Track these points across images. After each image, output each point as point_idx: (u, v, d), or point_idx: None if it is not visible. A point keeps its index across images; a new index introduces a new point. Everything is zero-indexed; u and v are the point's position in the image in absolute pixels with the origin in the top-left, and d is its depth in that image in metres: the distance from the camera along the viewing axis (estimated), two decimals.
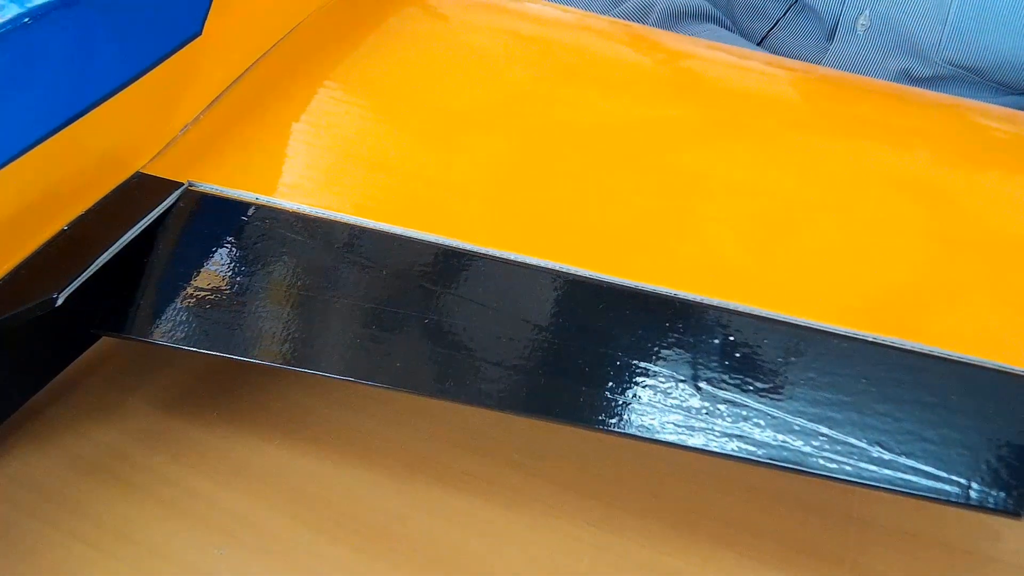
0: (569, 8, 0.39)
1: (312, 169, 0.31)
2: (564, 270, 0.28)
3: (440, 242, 0.29)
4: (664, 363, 0.26)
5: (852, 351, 0.25)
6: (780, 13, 0.61)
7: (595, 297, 0.27)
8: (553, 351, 0.27)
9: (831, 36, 0.60)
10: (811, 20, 0.61)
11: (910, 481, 0.24)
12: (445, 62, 0.35)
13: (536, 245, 0.28)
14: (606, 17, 0.40)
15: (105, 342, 0.32)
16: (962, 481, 0.23)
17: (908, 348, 0.25)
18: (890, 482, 0.24)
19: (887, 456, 0.24)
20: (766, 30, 0.62)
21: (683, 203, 0.30)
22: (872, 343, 0.25)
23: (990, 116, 0.35)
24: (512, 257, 0.28)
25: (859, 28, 0.58)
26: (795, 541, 0.29)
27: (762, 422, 0.25)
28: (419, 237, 0.29)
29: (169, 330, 0.28)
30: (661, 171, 0.31)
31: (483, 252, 0.28)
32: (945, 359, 0.25)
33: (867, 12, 0.58)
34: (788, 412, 0.25)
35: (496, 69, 0.35)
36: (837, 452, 0.24)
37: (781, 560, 0.28)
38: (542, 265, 0.28)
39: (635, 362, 0.26)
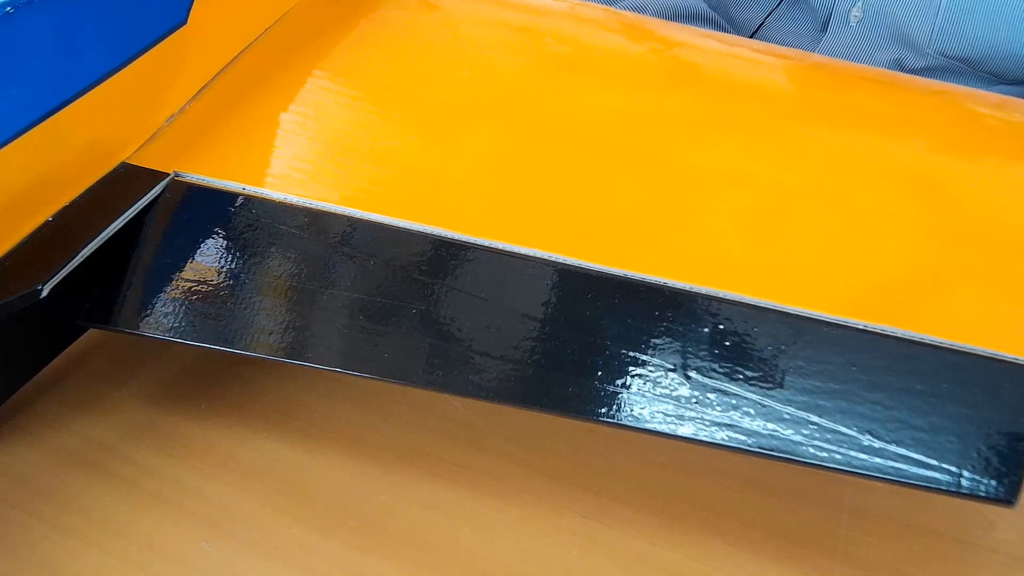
0: None
1: (300, 159, 0.31)
2: (554, 259, 0.28)
3: (429, 232, 0.28)
4: (654, 352, 0.26)
5: (842, 339, 0.25)
6: (773, 4, 0.61)
7: (585, 286, 0.27)
8: (543, 341, 0.27)
9: (824, 27, 0.60)
10: (804, 11, 0.61)
11: (901, 469, 0.24)
12: (436, 51, 0.35)
13: (525, 234, 0.28)
14: (599, 6, 0.40)
15: (92, 335, 0.32)
16: (953, 469, 0.23)
17: (898, 336, 0.25)
18: (880, 470, 0.24)
19: (877, 444, 0.24)
20: (759, 21, 0.62)
21: (674, 192, 0.30)
22: (862, 331, 0.25)
23: (983, 103, 0.35)
24: (501, 247, 0.28)
25: (852, 19, 0.58)
26: (786, 530, 0.29)
27: (752, 411, 0.25)
28: (408, 227, 0.29)
29: (156, 322, 0.28)
30: (653, 160, 0.31)
31: (473, 242, 0.28)
32: (935, 347, 0.25)
33: (860, 3, 0.58)
34: (778, 401, 0.25)
35: (487, 58, 0.35)
36: (827, 440, 0.24)
37: (772, 549, 0.28)
38: (532, 254, 0.28)
39: (625, 351, 0.26)
